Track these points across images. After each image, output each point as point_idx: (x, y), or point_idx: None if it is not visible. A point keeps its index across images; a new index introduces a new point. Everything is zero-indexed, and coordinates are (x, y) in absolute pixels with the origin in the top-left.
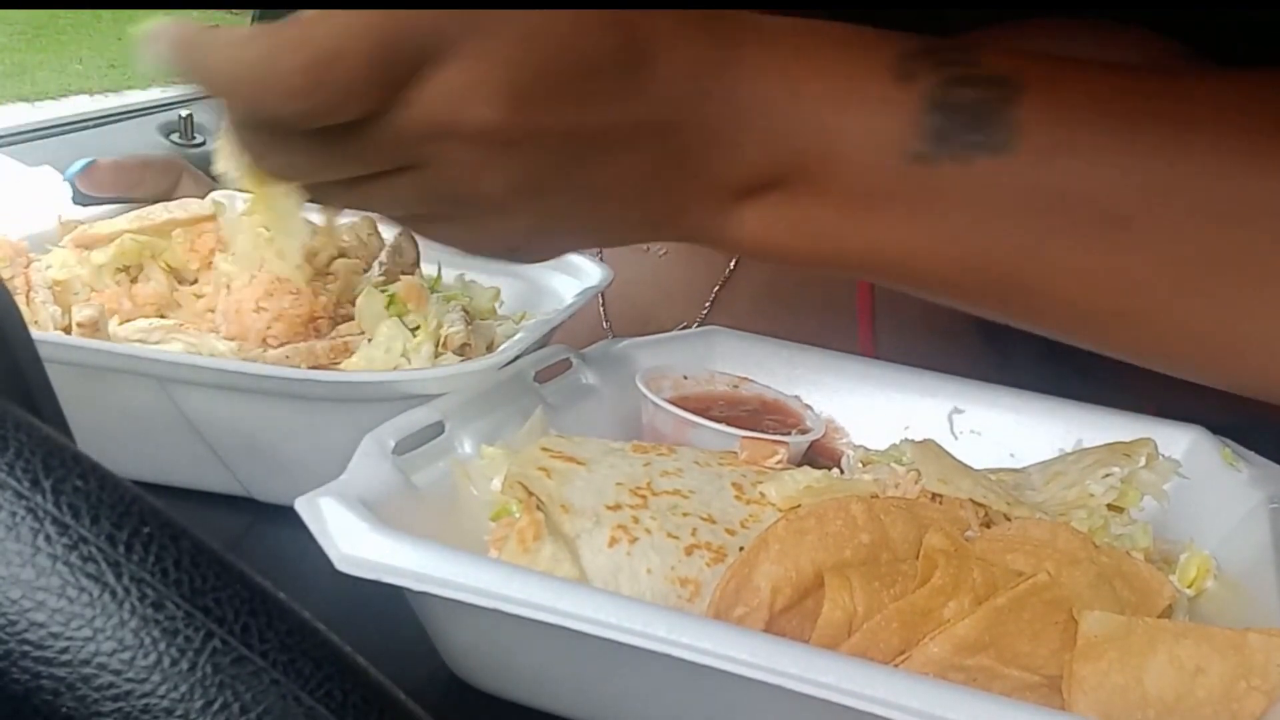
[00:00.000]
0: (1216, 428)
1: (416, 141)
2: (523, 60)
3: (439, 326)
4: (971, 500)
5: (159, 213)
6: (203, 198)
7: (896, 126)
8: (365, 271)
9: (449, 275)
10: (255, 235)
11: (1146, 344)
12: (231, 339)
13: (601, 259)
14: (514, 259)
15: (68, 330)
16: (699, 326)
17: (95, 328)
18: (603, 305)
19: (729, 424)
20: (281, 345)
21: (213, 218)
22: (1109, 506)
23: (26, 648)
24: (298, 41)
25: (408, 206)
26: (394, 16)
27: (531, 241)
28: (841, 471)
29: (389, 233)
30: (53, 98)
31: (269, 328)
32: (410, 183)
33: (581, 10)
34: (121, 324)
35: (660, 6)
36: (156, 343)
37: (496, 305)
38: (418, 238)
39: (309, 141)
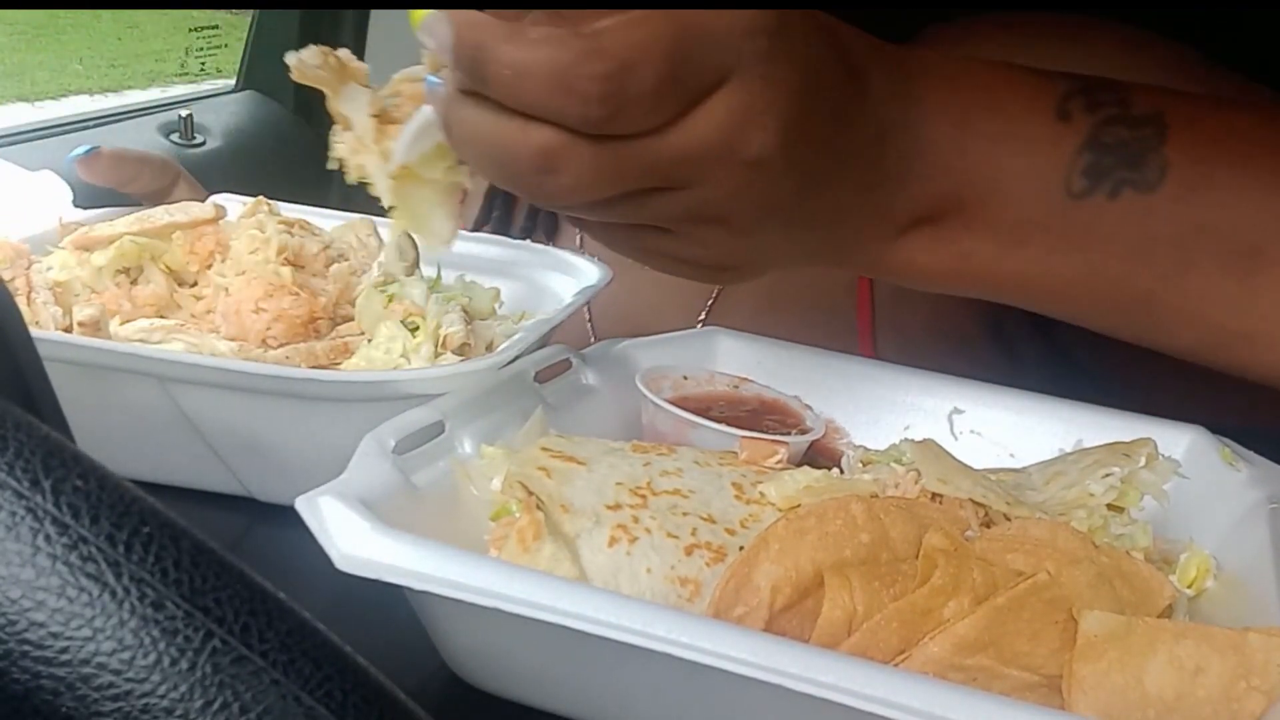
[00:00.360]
0: (1217, 429)
1: (693, 161)
2: (800, 88)
3: (438, 327)
4: (971, 500)
5: (159, 215)
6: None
7: (1056, 165)
8: (365, 272)
9: (449, 276)
10: (251, 239)
11: (1269, 363)
12: (231, 340)
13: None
14: (719, 280)
15: (69, 331)
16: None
17: (96, 327)
18: (589, 319)
19: (729, 424)
20: (281, 346)
21: (213, 221)
22: (1109, 506)
23: (26, 647)
24: (596, 50)
25: (655, 220)
26: (689, 31)
27: (754, 263)
28: (841, 471)
29: (389, 233)
30: (53, 98)
31: (269, 328)
32: (676, 200)
33: (820, 35)
34: (122, 325)
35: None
36: (158, 342)
37: (496, 306)
38: None
39: (587, 150)
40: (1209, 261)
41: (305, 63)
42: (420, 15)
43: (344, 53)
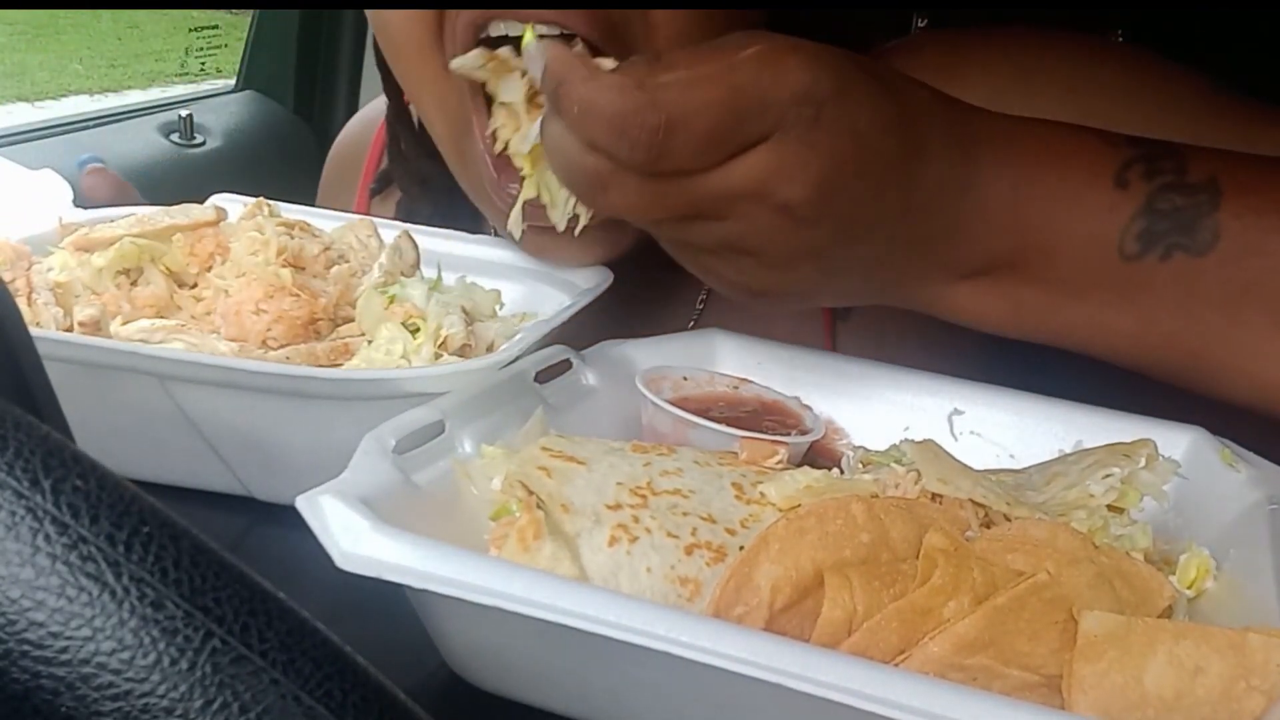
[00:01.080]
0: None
1: (728, 200)
2: (841, 153)
3: (439, 328)
4: (971, 500)
5: (160, 217)
6: None
7: (1111, 229)
8: (365, 273)
9: (450, 278)
10: (251, 240)
11: None
12: (232, 341)
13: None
14: (768, 305)
15: (69, 331)
16: None
17: (97, 327)
18: None
19: (729, 424)
20: (282, 347)
21: (213, 223)
22: (1109, 507)
23: (26, 647)
24: (651, 105)
25: (702, 245)
26: (742, 98)
27: (788, 294)
28: (841, 472)
29: (388, 235)
30: (53, 98)
31: (269, 329)
32: (712, 229)
33: (881, 103)
34: (123, 325)
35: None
36: (159, 343)
37: (497, 308)
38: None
39: (633, 181)
40: (1258, 319)
41: (468, 63)
42: (529, 38)
43: (504, 51)
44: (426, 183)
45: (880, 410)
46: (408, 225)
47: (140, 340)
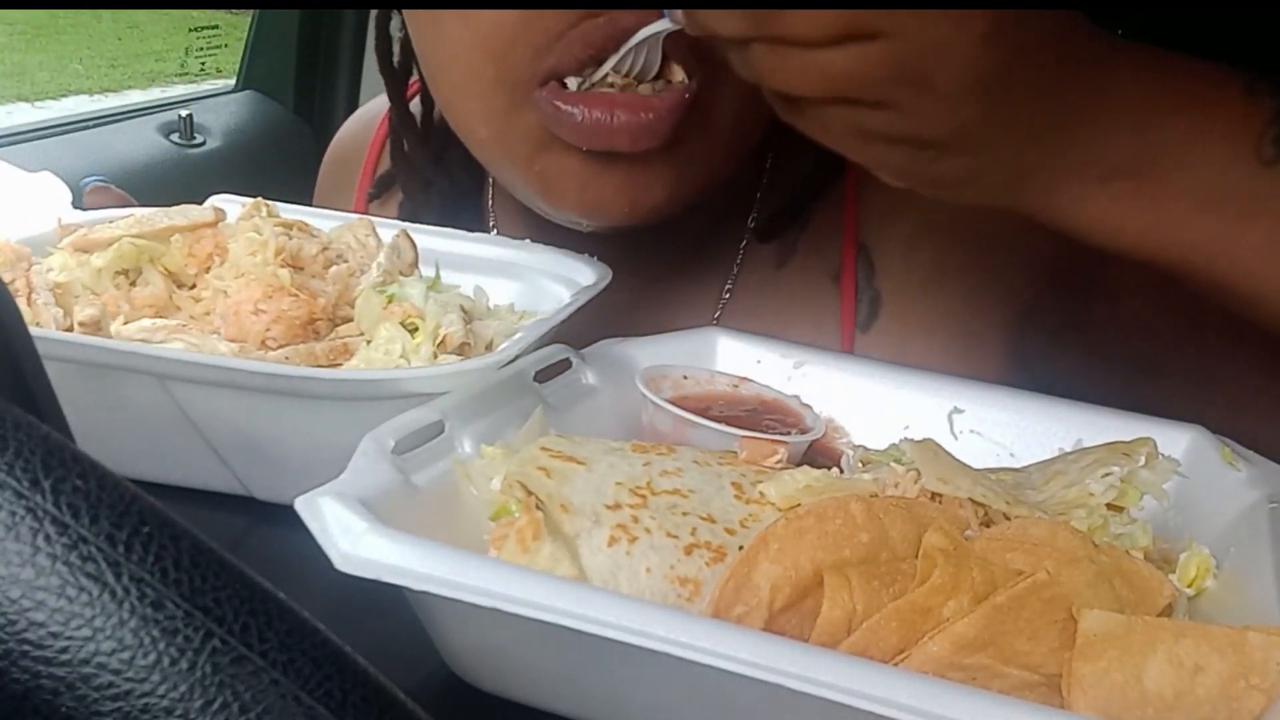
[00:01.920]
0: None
1: (907, 14)
2: (1018, 16)
3: (438, 327)
4: (971, 500)
5: (159, 218)
6: None
7: (1248, 132)
8: (364, 273)
9: (456, 278)
10: (249, 241)
11: None
12: (231, 341)
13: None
14: (920, 168)
15: (70, 331)
16: None
17: (97, 327)
18: None
19: (728, 424)
20: (281, 347)
21: (212, 224)
22: (1108, 506)
23: (26, 647)
24: None
25: (863, 78)
26: None
27: (949, 141)
28: (841, 471)
29: (386, 234)
30: (53, 98)
31: (268, 330)
32: (879, 48)
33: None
34: (125, 325)
35: None
36: (159, 342)
37: (490, 306)
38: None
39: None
40: None
41: None
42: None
43: None
44: (430, 186)
45: (880, 409)
46: (406, 224)
47: (142, 339)
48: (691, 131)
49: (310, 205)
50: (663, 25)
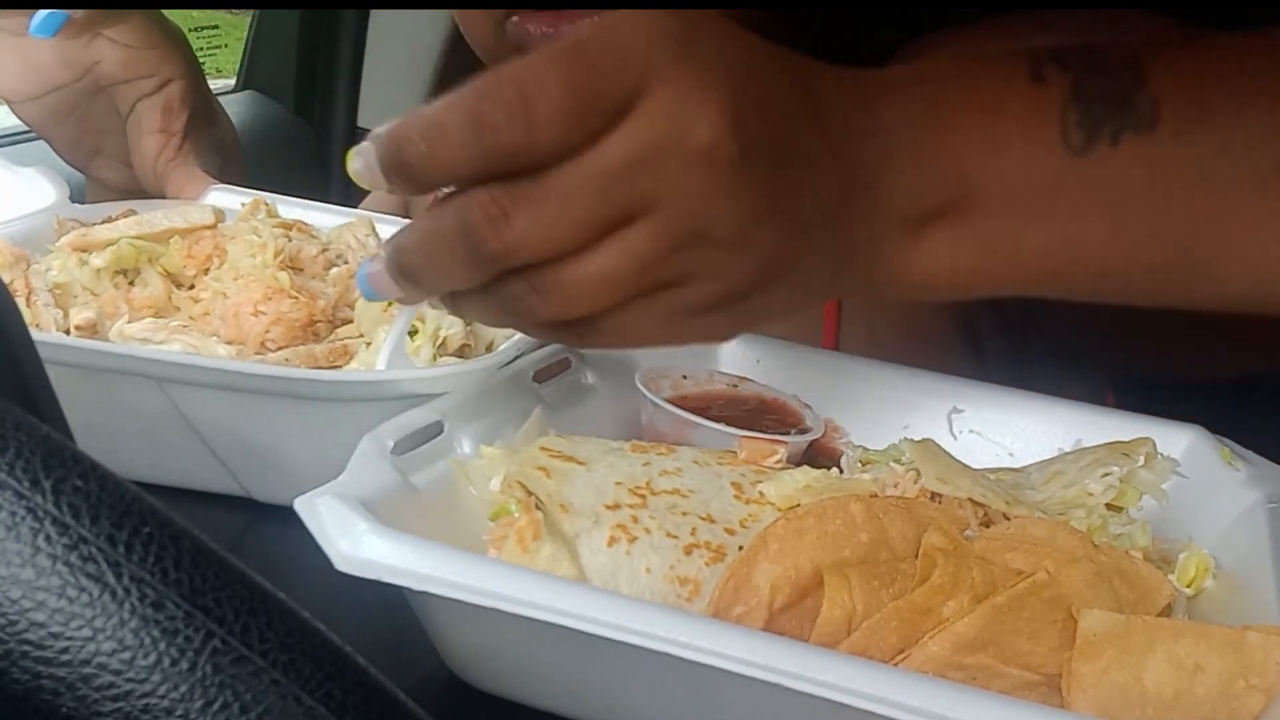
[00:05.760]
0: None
1: (641, 169)
2: (735, 86)
3: (437, 329)
4: (970, 499)
5: (158, 220)
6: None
7: (1048, 124)
8: None
9: None
10: (249, 243)
11: None
12: (230, 343)
13: None
14: (742, 321)
15: (69, 333)
16: None
17: (94, 330)
18: None
19: (728, 423)
20: (280, 349)
21: (211, 225)
22: (1108, 506)
23: (26, 648)
24: (494, 83)
25: (641, 264)
26: (587, 46)
27: (761, 285)
28: (841, 471)
29: (387, 234)
30: None
31: (268, 331)
32: (642, 231)
33: (752, 40)
34: (128, 324)
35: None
36: (160, 342)
37: None
38: None
39: (527, 188)
40: (1239, 188)
41: None
42: (350, 152)
43: None
44: None
45: (879, 409)
46: (406, 223)
47: (144, 339)
48: None
49: (308, 201)
50: None
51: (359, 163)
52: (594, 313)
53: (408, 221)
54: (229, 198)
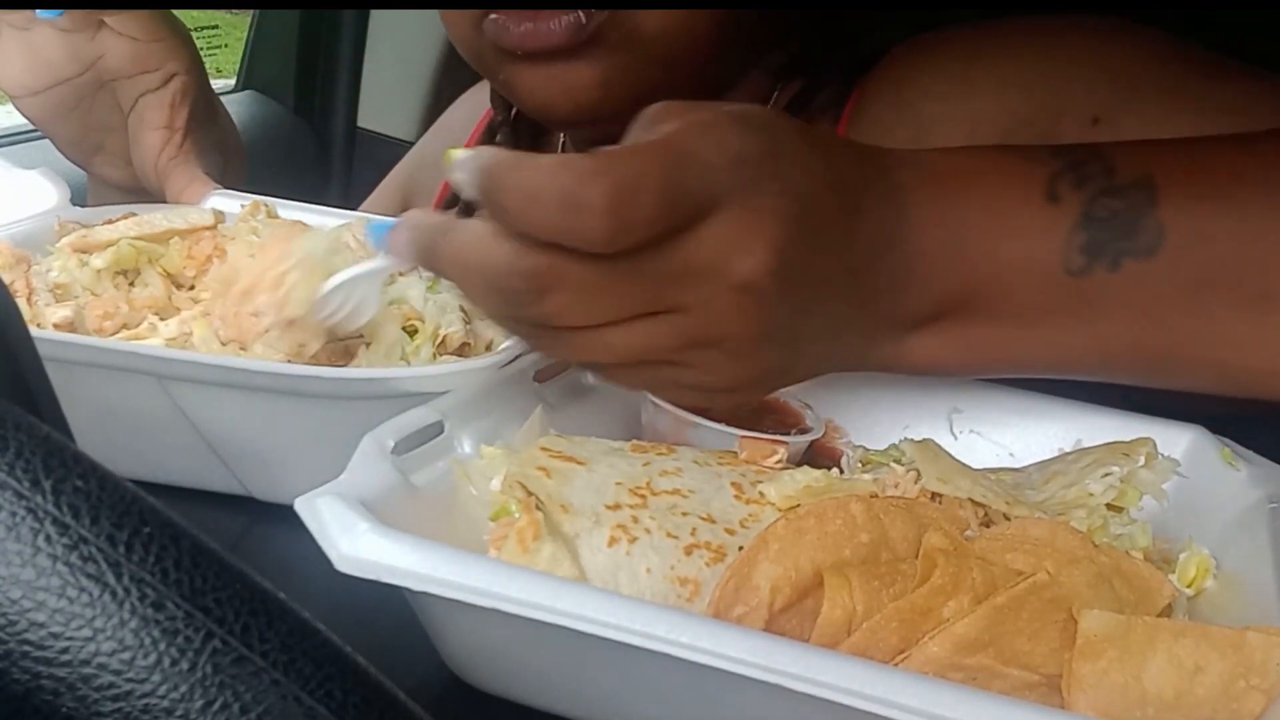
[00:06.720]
0: (1210, 422)
1: (682, 283)
2: (787, 227)
3: (437, 328)
4: (971, 500)
5: (158, 221)
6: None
7: (1052, 248)
8: None
9: None
10: (248, 244)
11: None
12: (230, 343)
13: None
14: (738, 400)
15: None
16: None
17: (71, 329)
18: None
19: (728, 423)
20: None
21: (211, 226)
22: (1108, 506)
23: (27, 648)
24: (600, 171)
25: (649, 348)
26: (684, 158)
27: (756, 383)
28: (841, 471)
29: None
30: None
31: (267, 332)
32: (661, 325)
33: (812, 161)
34: (121, 326)
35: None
36: (189, 335)
37: None
38: None
39: (577, 270)
40: (1220, 311)
41: None
42: (450, 154)
43: None
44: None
45: (880, 409)
46: (439, 219)
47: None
48: (611, 32)
49: (308, 204)
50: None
51: (457, 174)
52: (589, 361)
53: (436, 219)
54: (229, 202)
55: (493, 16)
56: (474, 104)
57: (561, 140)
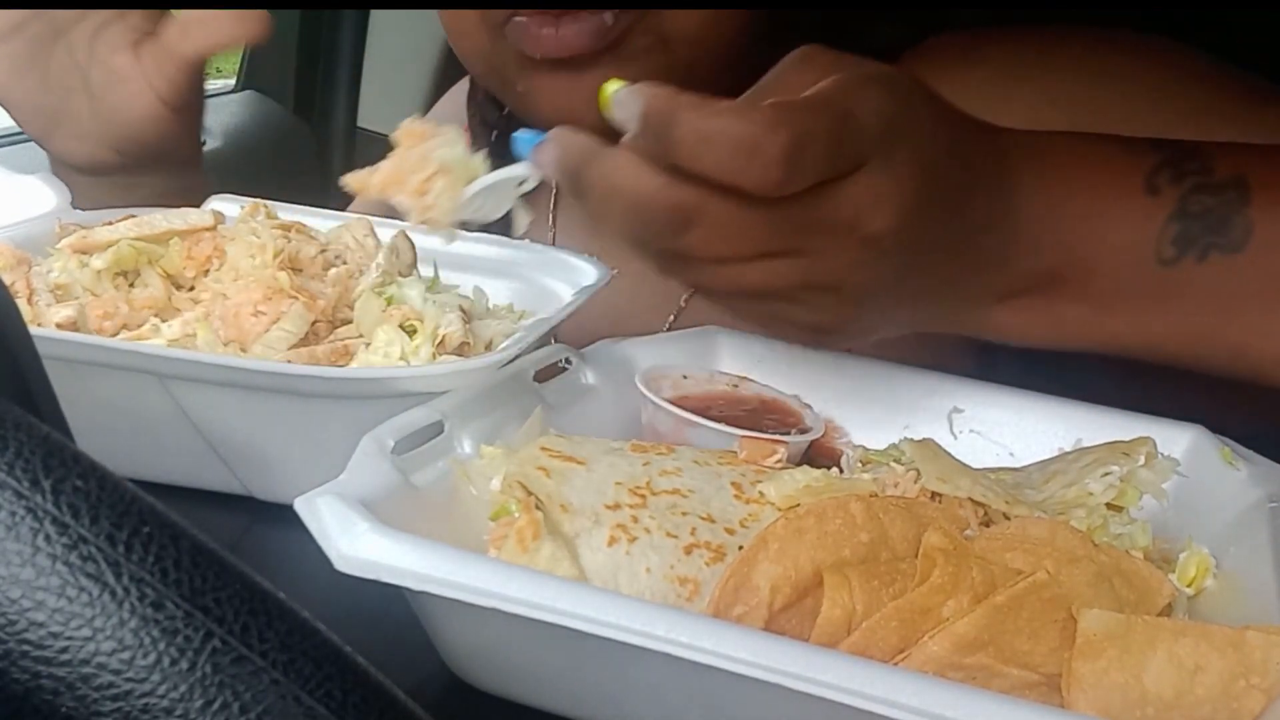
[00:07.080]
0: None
1: (816, 231)
2: (917, 188)
3: (436, 328)
4: (970, 499)
5: (158, 221)
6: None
7: (1147, 236)
8: (363, 273)
9: (456, 278)
10: (248, 245)
11: None
12: (230, 343)
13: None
14: (823, 342)
15: None
16: None
17: (74, 328)
18: None
19: (728, 423)
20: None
21: (210, 228)
22: (1108, 505)
23: (26, 647)
24: (778, 121)
25: (772, 285)
26: (847, 117)
27: (855, 328)
28: (841, 471)
29: (385, 234)
30: None
31: (268, 332)
32: (789, 266)
33: (940, 131)
34: (121, 326)
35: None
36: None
37: (490, 304)
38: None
39: (722, 209)
40: None
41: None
42: (611, 89)
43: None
44: (489, 127)
45: (880, 409)
46: (404, 224)
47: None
48: (639, 37)
49: (312, 205)
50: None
51: (620, 110)
52: (714, 289)
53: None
54: (229, 204)
55: (518, 19)
56: (457, 101)
57: None
